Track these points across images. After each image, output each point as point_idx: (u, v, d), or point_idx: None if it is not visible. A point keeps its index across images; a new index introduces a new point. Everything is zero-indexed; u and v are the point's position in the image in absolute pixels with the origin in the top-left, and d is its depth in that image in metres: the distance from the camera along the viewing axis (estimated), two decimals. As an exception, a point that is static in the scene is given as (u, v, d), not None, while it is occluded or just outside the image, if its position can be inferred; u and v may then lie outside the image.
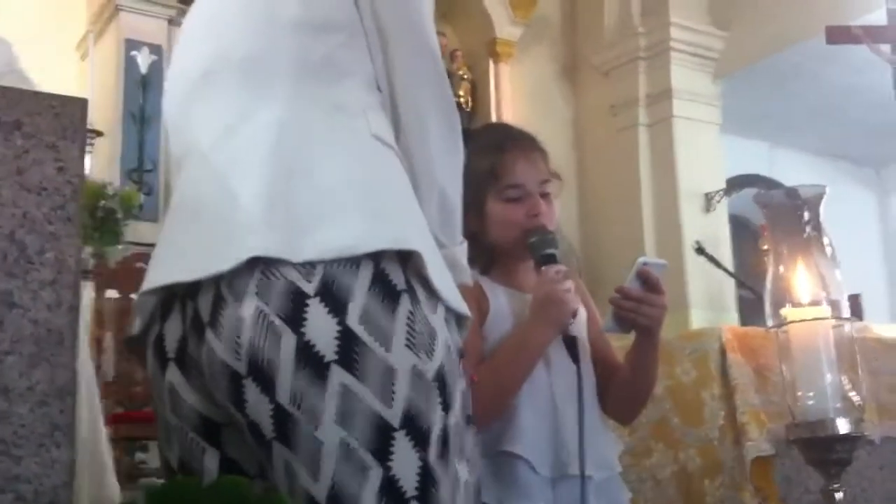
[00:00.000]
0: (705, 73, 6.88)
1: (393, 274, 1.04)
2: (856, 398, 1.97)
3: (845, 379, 1.98)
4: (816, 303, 2.00)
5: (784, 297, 2.04)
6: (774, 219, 2.17)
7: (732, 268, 6.22)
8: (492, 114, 6.58)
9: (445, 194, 1.19)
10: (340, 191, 1.05)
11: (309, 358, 0.99)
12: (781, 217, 2.14)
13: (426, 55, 1.21)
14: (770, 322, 2.06)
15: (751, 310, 6.05)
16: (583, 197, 6.90)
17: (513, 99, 6.72)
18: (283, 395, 0.99)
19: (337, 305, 1.00)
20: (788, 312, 2.01)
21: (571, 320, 1.62)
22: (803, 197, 2.10)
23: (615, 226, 6.71)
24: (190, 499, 0.84)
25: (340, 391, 0.98)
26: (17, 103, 0.94)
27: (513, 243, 1.68)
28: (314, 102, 1.11)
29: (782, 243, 2.09)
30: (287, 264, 1.00)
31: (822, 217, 2.09)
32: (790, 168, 7.85)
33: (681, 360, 2.49)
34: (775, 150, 8.12)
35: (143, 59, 5.47)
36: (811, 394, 1.95)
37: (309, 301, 0.99)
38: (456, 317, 1.12)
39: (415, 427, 1.00)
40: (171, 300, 1.09)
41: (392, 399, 1.00)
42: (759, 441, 2.29)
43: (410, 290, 1.05)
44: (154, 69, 5.49)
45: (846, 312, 2.03)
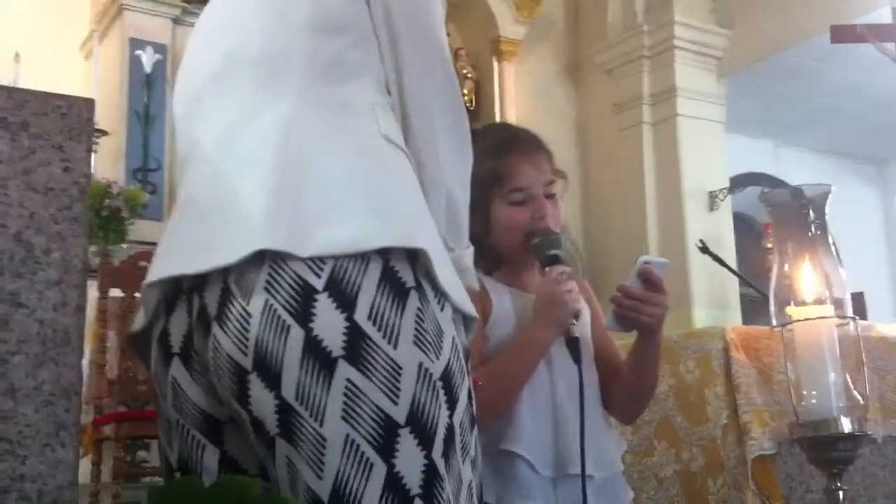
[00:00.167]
0: (709, 72, 6.87)
1: (402, 271, 1.03)
2: (859, 397, 1.97)
3: (849, 378, 1.98)
4: (821, 302, 1.99)
5: (788, 296, 2.04)
6: (779, 218, 2.17)
7: (736, 266, 6.20)
8: (495, 112, 6.57)
9: (453, 198, 1.19)
10: (349, 187, 1.05)
11: (316, 353, 0.98)
12: (786, 216, 2.14)
13: (436, 59, 1.20)
14: (775, 321, 2.06)
15: (753, 308, 6.05)
16: (586, 195, 6.90)
17: (516, 98, 6.71)
18: (289, 391, 0.98)
19: (345, 301, 0.99)
20: (793, 311, 2.01)
21: (573, 321, 1.62)
22: (808, 196, 2.10)
23: (619, 224, 6.70)
24: (194, 498, 0.84)
25: (346, 387, 0.98)
26: (24, 104, 0.94)
27: (518, 246, 1.68)
28: (323, 101, 1.10)
29: (787, 242, 2.09)
30: (296, 259, 0.99)
31: (827, 216, 2.09)
32: (794, 166, 7.85)
33: (684, 359, 2.48)
34: (779, 149, 8.11)
35: (148, 59, 5.48)
36: (814, 393, 1.95)
37: (317, 296, 0.99)
38: (462, 317, 1.12)
39: (420, 425, 1.00)
40: (177, 295, 1.09)
41: (398, 396, 0.99)
42: (762, 440, 2.29)
43: (419, 288, 1.04)
44: (159, 68, 5.50)
45: (850, 311, 2.03)
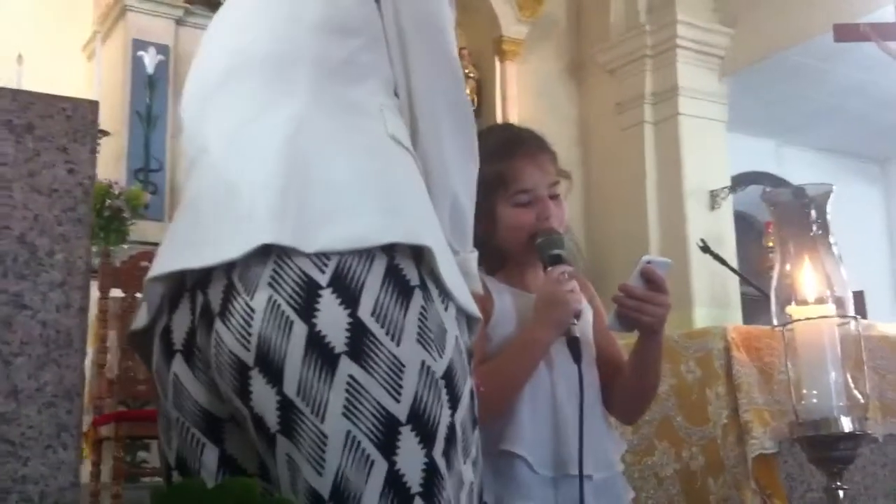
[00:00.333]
0: (711, 71, 6.86)
1: (407, 269, 1.03)
2: (859, 396, 1.97)
3: (849, 377, 1.98)
4: (822, 301, 1.99)
5: (790, 296, 2.04)
6: (781, 217, 2.17)
7: (737, 265, 6.20)
8: (497, 112, 6.58)
9: (458, 201, 1.19)
10: (354, 185, 1.05)
11: (319, 349, 0.98)
12: (788, 215, 2.14)
13: (445, 63, 1.21)
14: (776, 320, 2.06)
15: (754, 307, 6.04)
16: (588, 194, 6.90)
17: (519, 97, 6.71)
18: (290, 387, 0.98)
19: (349, 297, 0.99)
20: (794, 310, 2.00)
21: (574, 321, 1.61)
22: (810, 195, 2.10)
23: (620, 223, 6.70)
24: (196, 500, 0.84)
25: (348, 383, 0.98)
26: (29, 106, 0.94)
27: (523, 247, 1.68)
28: (332, 101, 1.11)
29: (789, 241, 2.09)
30: (300, 254, 0.99)
31: (829, 216, 2.09)
32: (796, 165, 7.84)
33: (685, 359, 2.48)
34: (782, 148, 8.10)
35: (150, 60, 5.48)
36: (815, 392, 1.95)
37: (322, 292, 0.99)
38: (466, 318, 1.12)
39: (421, 423, 1.00)
40: (180, 293, 1.08)
41: (400, 393, 0.99)
42: (763, 439, 2.29)
43: (423, 287, 1.04)
44: (161, 69, 5.50)
45: (852, 311, 2.03)
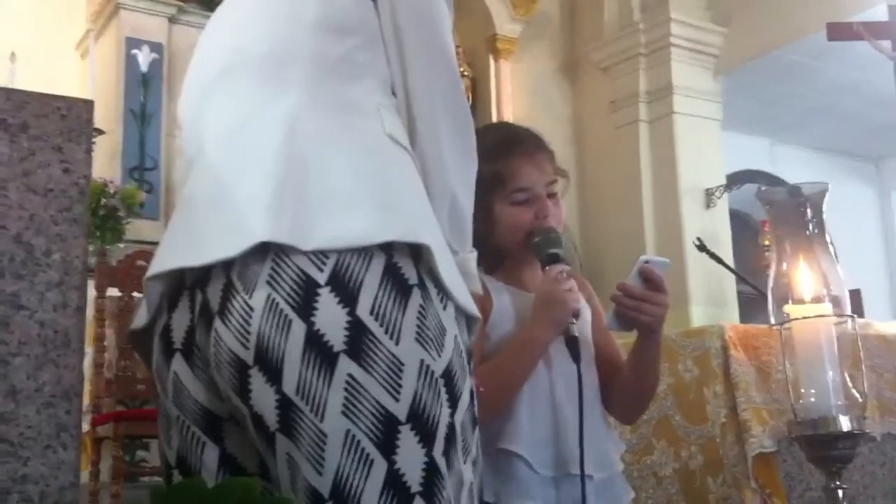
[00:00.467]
0: (705, 70, 6.88)
1: (405, 268, 1.03)
2: (857, 395, 1.97)
3: (847, 376, 1.98)
4: (819, 300, 2.00)
5: (786, 294, 2.04)
6: (777, 216, 2.17)
7: (733, 263, 6.21)
8: (492, 111, 6.58)
9: (457, 201, 1.19)
10: (352, 183, 1.05)
11: (318, 347, 0.98)
12: (784, 214, 2.14)
13: (442, 62, 1.21)
14: (773, 319, 2.06)
15: (750, 306, 6.05)
16: (583, 193, 6.90)
17: (513, 96, 6.72)
18: (289, 386, 0.98)
19: (348, 295, 0.99)
20: (791, 310, 2.01)
21: (573, 320, 1.61)
22: (806, 194, 2.10)
23: (615, 222, 6.71)
24: (196, 500, 0.84)
25: (347, 382, 0.98)
26: (24, 105, 0.94)
27: (521, 245, 1.68)
28: (329, 100, 1.11)
29: (785, 240, 2.09)
30: (298, 253, 0.99)
31: (825, 214, 2.09)
32: (790, 164, 7.86)
33: (683, 358, 2.49)
34: (776, 147, 8.12)
35: (144, 58, 5.47)
36: (813, 391, 1.95)
37: (320, 290, 0.99)
38: (465, 317, 1.12)
39: (421, 422, 1.00)
40: (180, 291, 1.08)
41: (399, 392, 0.99)
42: (761, 438, 2.29)
43: (422, 286, 1.04)
44: (155, 67, 5.49)
45: (848, 309, 2.03)
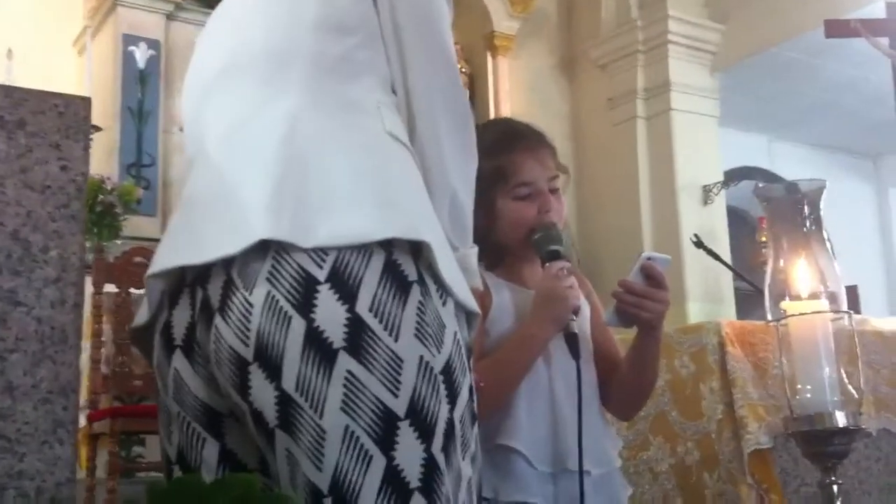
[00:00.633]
0: (703, 67, 6.88)
1: (405, 264, 1.04)
2: (853, 391, 1.98)
3: (843, 372, 1.98)
4: (816, 296, 2.00)
5: (783, 291, 2.04)
6: (774, 213, 2.17)
7: (730, 260, 6.21)
8: (490, 107, 6.57)
9: (457, 198, 1.20)
10: (352, 181, 1.05)
11: (317, 344, 0.98)
12: (781, 211, 2.14)
13: (442, 60, 1.21)
14: (770, 315, 2.06)
15: (748, 302, 6.05)
16: (581, 190, 6.90)
17: (511, 93, 6.71)
18: (289, 382, 0.98)
19: (347, 292, 1.00)
20: (788, 306, 2.01)
21: (573, 317, 1.61)
22: (803, 191, 2.10)
23: (613, 218, 6.71)
24: (194, 497, 0.84)
25: (347, 378, 0.98)
26: (22, 102, 0.94)
27: (522, 241, 1.68)
28: (330, 98, 1.11)
29: (782, 237, 2.09)
30: (298, 250, 1.00)
31: (822, 211, 2.09)
32: (788, 161, 7.86)
33: (680, 354, 2.49)
34: (774, 143, 8.12)
35: (141, 55, 5.47)
36: (809, 387, 1.95)
37: (319, 287, 0.99)
38: (465, 314, 1.12)
39: (420, 418, 1.00)
40: (180, 289, 1.09)
41: (398, 389, 0.99)
42: (758, 434, 2.30)
43: (421, 282, 1.05)
44: (152, 64, 5.49)
45: (845, 306, 2.03)
